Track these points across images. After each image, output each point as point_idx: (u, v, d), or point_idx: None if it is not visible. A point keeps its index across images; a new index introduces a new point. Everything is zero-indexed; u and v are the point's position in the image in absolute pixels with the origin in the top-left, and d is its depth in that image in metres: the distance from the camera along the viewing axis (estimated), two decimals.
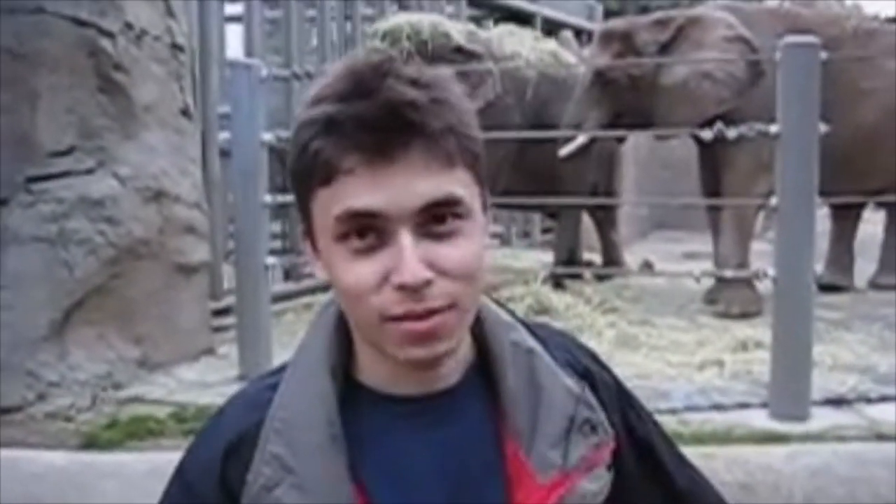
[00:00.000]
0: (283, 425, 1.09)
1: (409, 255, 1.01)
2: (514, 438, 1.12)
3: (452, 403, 1.13)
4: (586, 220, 7.64)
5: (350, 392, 1.13)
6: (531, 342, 1.17)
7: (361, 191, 1.01)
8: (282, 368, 1.17)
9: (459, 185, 1.04)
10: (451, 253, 1.03)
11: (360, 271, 1.03)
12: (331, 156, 1.02)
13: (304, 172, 1.06)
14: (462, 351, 1.14)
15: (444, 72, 1.09)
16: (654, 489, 1.25)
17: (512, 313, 1.21)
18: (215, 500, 1.11)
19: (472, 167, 1.07)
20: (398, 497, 1.09)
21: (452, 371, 1.14)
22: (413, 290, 1.01)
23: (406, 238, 1.01)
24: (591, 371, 1.22)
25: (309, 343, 1.16)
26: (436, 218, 1.03)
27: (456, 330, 1.06)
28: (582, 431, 1.12)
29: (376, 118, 1.00)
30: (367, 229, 1.03)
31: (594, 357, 1.27)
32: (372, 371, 1.14)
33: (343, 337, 1.15)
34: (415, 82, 1.03)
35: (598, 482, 1.12)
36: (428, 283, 1.02)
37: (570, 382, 1.15)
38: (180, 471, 1.17)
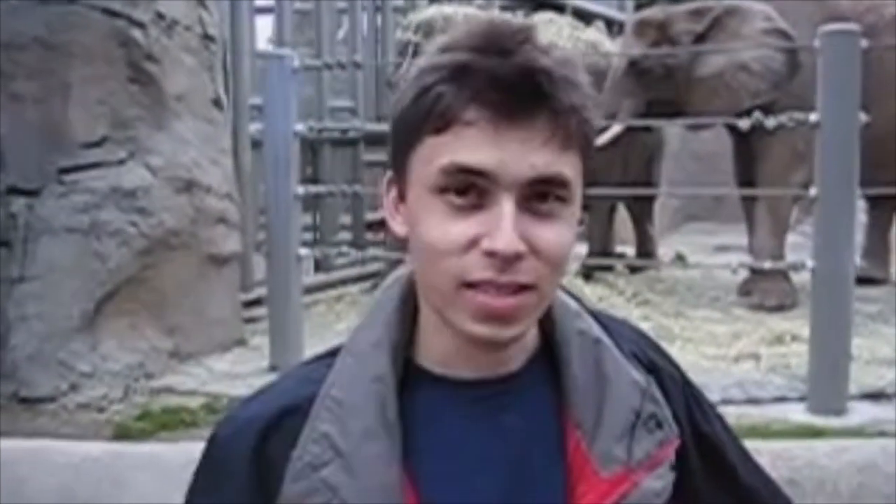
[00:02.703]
0: (335, 404, 1.04)
1: (508, 223, 0.96)
2: (577, 430, 1.07)
3: (513, 390, 1.09)
4: (621, 212, 7.59)
5: (406, 373, 1.08)
6: (598, 332, 1.12)
7: (477, 146, 0.96)
8: (338, 350, 1.12)
9: (570, 167, 1.00)
10: (547, 233, 0.99)
11: (451, 229, 0.98)
12: (452, 103, 0.97)
13: (417, 116, 1.00)
14: (527, 337, 1.09)
15: (574, 54, 1.05)
16: (718, 487, 1.20)
17: (580, 301, 1.16)
18: (245, 468, 1.05)
19: (583, 153, 1.02)
20: (450, 486, 1.05)
21: (515, 356, 1.09)
22: (502, 260, 0.97)
23: (508, 206, 0.96)
24: (656, 364, 1.17)
25: (370, 321, 1.11)
26: (539, 195, 0.99)
27: (530, 314, 1.02)
28: (647, 427, 1.08)
29: (509, 77, 0.95)
30: (470, 187, 0.98)
31: (659, 349, 1.22)
32: (432, 350, 1.09)
33: (407, 314, 1.10)
34: (551, 55, 0.99)
35: (661, 481, 1.08)
36: (519, 256, 0.97)
37: (637, 375, 1.11)
38: (214, 437, 1.11)
